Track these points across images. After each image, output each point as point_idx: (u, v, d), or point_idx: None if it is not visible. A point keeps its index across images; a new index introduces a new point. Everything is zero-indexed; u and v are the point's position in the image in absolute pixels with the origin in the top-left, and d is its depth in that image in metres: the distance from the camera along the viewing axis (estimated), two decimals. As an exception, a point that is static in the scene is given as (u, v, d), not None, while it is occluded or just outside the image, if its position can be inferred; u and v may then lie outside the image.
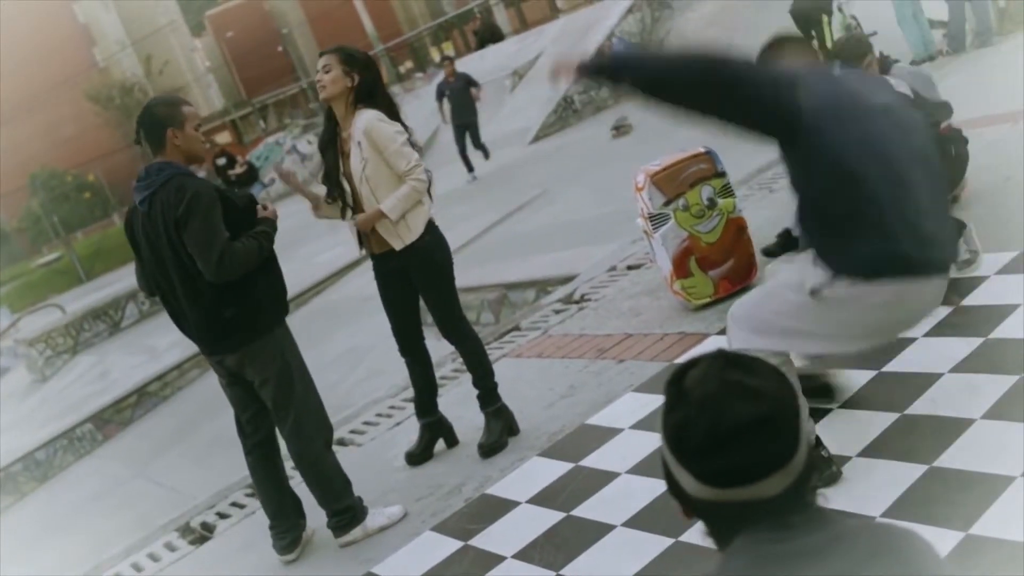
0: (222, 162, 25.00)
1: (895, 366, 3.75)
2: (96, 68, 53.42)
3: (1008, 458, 2.94)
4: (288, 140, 26.01)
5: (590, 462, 4.00)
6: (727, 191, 5.32)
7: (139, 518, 6.76)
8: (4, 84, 44.82)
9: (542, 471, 4.08)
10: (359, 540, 4.08)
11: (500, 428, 4.48)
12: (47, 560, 7.49)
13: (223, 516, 5.00)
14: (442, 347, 4.99)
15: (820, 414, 3.58)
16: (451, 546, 3.77)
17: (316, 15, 47.76)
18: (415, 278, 4.36)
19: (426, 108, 14.43)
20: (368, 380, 8.05)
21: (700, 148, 5.40)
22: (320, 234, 14.74)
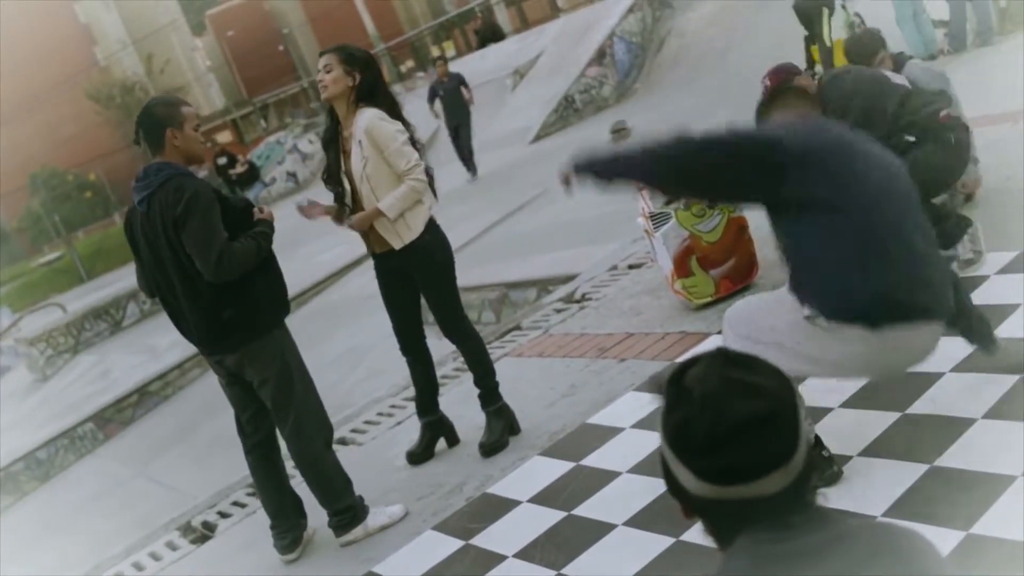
0: (223, 161, 24.99)
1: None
2: (97, 67, 53.42)
3: (1009, 457, 2.94)
4: (289, 139, 25.99)
5: (591, 461, 4.00)
6: (728, 190, 5.32)
7: (140, 517, 6.76)
8: (5, 83, 44.82)
9: (543, 470, 4.08)
10: (360, 539, 4.08)
11: (501, 427, 4.48)
12: (48, 559, 7.50)
13: (224, 515, 5.00)
14: (443, 346, 4.99)
15: (820, 414, 3.57)
16: (452, 545, 3.77)
17: (317, 14, 47.72)
18: (416, 277, 4.36)
19: (427, 107, 14.45)
20: (369, 379, 8.05)
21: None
22: (320, 234, 14.71)
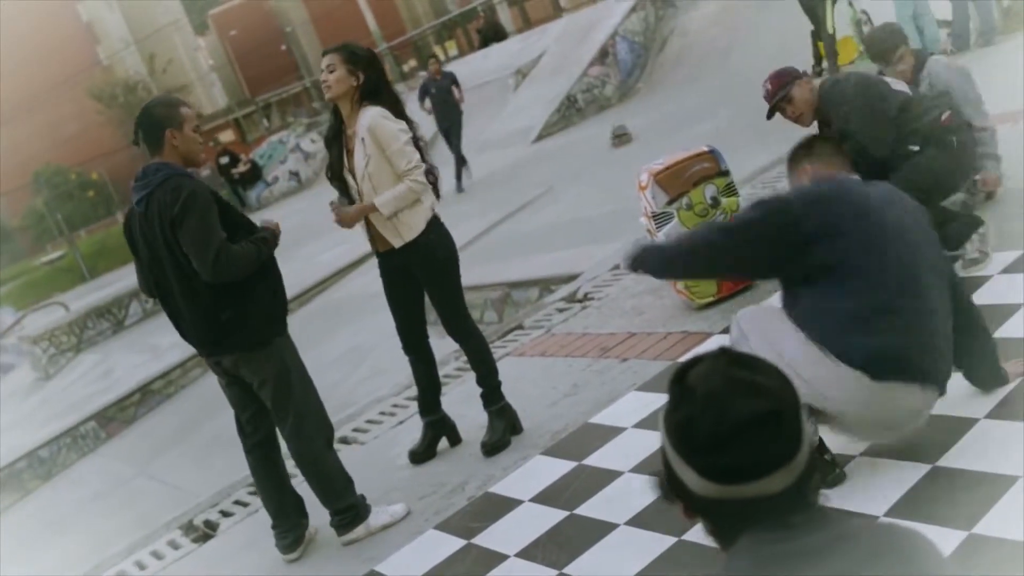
0: (225, 160, 25.04)
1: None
2: (100, 66, 53.42)
3: (1011, 458, 2.94)
4: (291, 138, 26.01)
5: (593, 461, 4.00)
6: (730, 190, 5.32)
7: (142, 516, 6.77)
8: (7, 82, 44.84)
9: (545, 470, 4.08)
10: (362, 538, 4.08)
11: (503, 427, 4.48)
12: (50, 557, 7.51)
13: (226, 514, 5.00)
14: (445, 345, 4.99)
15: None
16: (454, 544, 3.77)
17: (319, 14, 47.68)
18: (419, 275, 4.36)
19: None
20: (371, 378, 8.06)
21: (703, 147, 5.39)
22: (322, 233, 14.74)
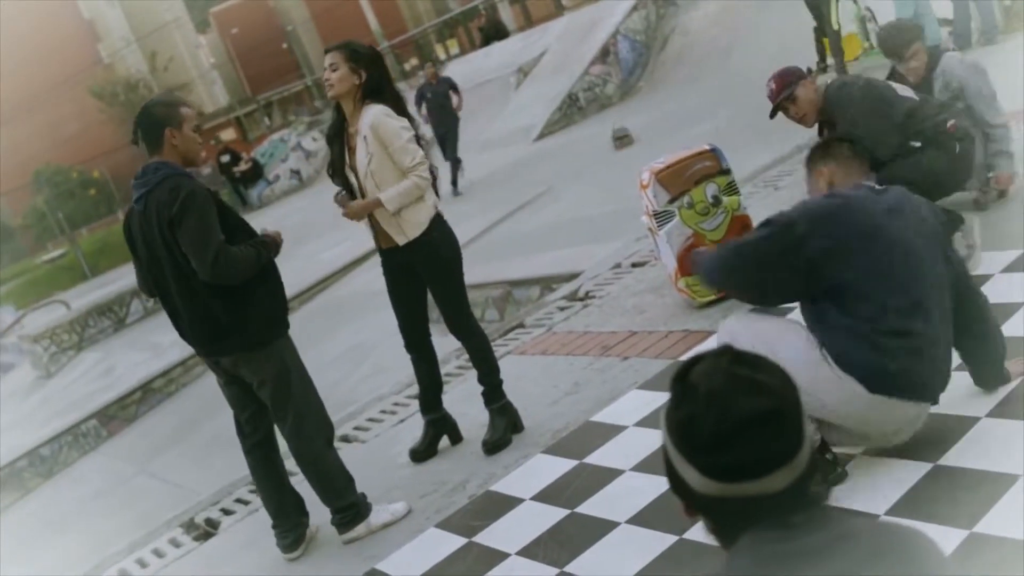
0: (227, 159, 25.05)
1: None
2: (101, 65, 53.42)
3: (1012, 456, 2.94)
4: (293, 137, 26.02)
5: (594, 459, 4.00)
6: (732, 188, 5.32)
7: (143, 514, 6.77)
8: (9, 81, 44.83)
9: (546, 468, 4.08)
10: (363, 537, 4.08)
11: (504, 425, 4.48)
12: (51, 556, 7.51)
13: (227, 512, 5.01)
14: (447, 344, 4.99)
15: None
16: (455, 543, 3.77)
17: (321, 12, 47.68)
18: (422, 273, 4.36)
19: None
20: (373, 377, 8.06)
21: (705, 146, 5.39)
22: (324, 231, 14.75)
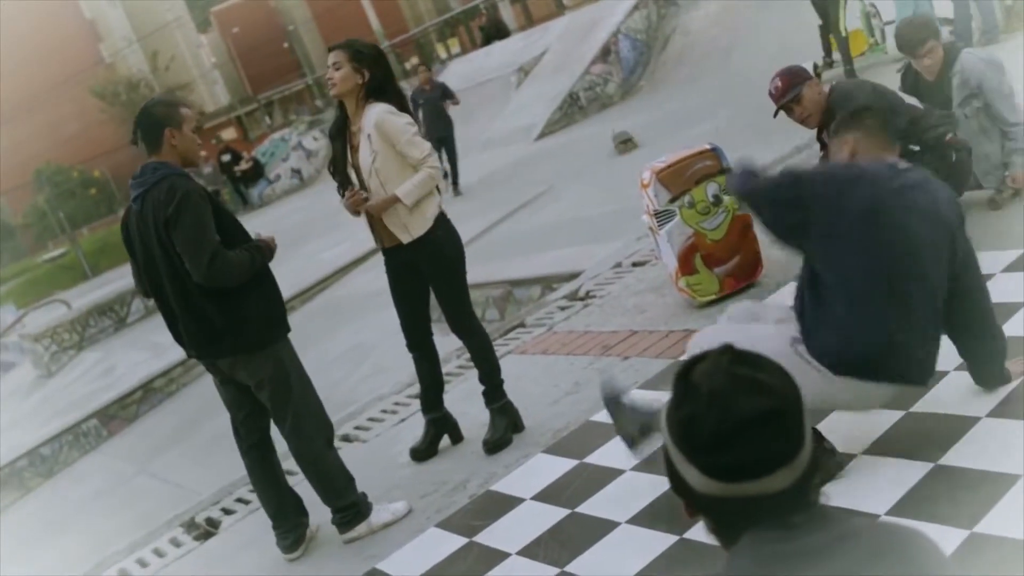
0: (227, 158, 25.02)
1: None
2: (102, 64, 53.40)
3: (1013, 456, 2.93)
4: (294, 136, 25.98)
5: (595, 459, 4.00)
6: (732, 188, 5.32)
7: (144, 514, 6.77)
8: (10, 80, 44.82)
9: (547, 468, 4.08)
10: (363, 536, 4.08)
11: (505, 424, 4.48)
12: (51, 556, 7.50)
13: (228, 512, 5.01)
14: (447, 343, 4.99)
15: (825, 413, 3.57)
16: (455, 542, 3.77)
17: (322, 11, 47.64)
18: (425, 271, 4.36)
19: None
20: (373, 376, 8.05)
21: (706, 145, 5.39)
22: (324, 231, 14.75)
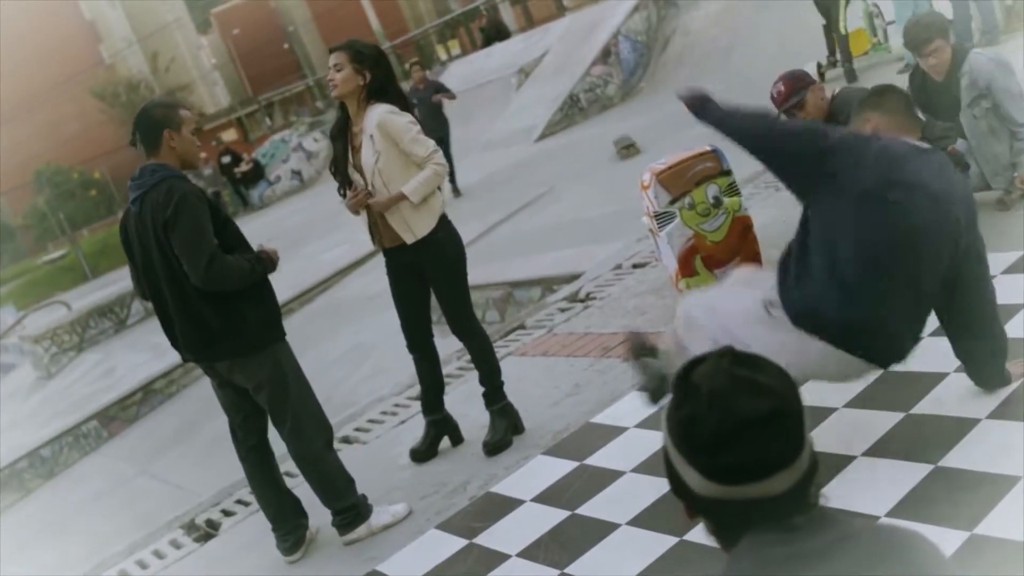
0: (227, 160, 25.01)
1: (900, 365, 3.73)
2: (102, 65, 53.41)
3: (1013, 458, 2.94)
4: (294, 137, 25.98)
5: (595, 460, 4.00)
6: (733, 189, 5.31)
7: (144, 515, 6.77)
8: (9, 81, 44.82)
9: (547, 469, 4.08)
10: (363, 538, 4.08)
11: (505, 426, 4.48)
12: (51, 557, 7.50)
13: (228, 513, 5.00)
14: (448, 345, 4.99)
15: (824, 414, 3.57)
16: (455, 544, 3.77)
17: (322, 13, 47.64)
18: (427, 272, 4.36)
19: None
20: (373, 378, 8.05)
21: (706, 146, 5.39)
22: (324, 232, 14.76)
